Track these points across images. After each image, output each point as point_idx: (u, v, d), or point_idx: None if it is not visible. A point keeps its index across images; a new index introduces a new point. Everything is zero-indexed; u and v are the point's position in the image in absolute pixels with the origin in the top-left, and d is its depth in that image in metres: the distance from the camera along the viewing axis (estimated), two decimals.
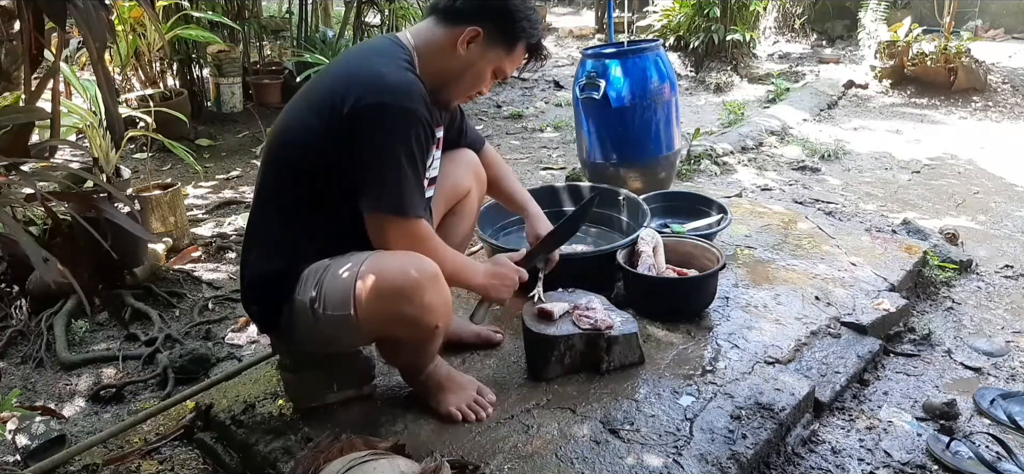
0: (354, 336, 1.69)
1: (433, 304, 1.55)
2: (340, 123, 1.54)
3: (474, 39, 1.66)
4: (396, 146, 1.55)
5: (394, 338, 1.70)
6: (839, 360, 2.11)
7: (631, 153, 3.23)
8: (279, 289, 1.64)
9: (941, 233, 3.12)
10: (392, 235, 1.59)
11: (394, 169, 1.55)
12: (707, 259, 2.32)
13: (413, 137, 1.56)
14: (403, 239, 1.59)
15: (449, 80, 1.70)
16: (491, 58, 1.70)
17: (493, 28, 1.67)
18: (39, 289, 2.65)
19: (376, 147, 1.55)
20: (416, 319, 1.56)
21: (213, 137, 5.04)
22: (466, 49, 1.66)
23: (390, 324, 1.59)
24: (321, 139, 1.57)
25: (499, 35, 1.68)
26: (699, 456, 1.65)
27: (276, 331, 1.73)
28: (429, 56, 1.67)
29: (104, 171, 2.90)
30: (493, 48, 1.69)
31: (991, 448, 1.83)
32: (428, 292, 1.54)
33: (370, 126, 1.54)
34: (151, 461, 1.89)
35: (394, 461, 1.44)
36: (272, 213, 1.68)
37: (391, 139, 1.54)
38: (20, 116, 1.61)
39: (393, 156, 1.55)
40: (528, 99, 6.33)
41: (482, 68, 1.71)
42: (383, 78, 1.56)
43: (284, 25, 6.33)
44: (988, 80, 5.74)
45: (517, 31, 1.69)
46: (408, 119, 1.55)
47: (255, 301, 1.74)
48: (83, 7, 1.53)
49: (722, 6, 6.60)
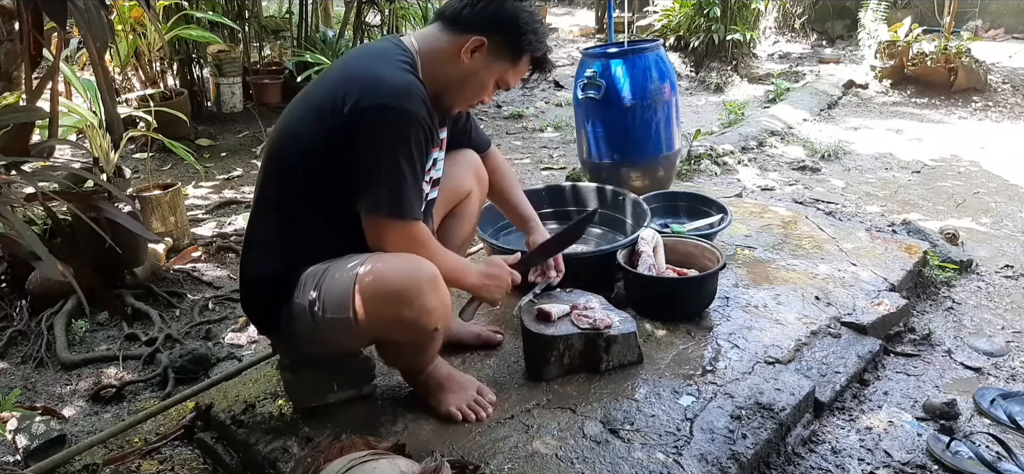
0: (353, 339, 1.69)
1: (432, 307, 1.55)
2: (340, 124, 1.54)
3: (479, 48, 1.64)
4: (395, 148, 1.54)
5: (393, 341, 1.70)
6: (839, 360, 2.11)
7: (631, 153, 3.23)
8: (278, 291, 1.64)
9: (941, 233, 3.12)
10: (389, 237, 1.58)
11: (392, 171, 1.54)
12: (707, 259, 2.32)
13: (412, 139, 1.56)
14: (400, 241, 1.58)
15: (451, 87, 1.69)
16: (495, 69, 1.69)
17: (499, 39, 1.65)
18: (39, 289, 2.65)
19: (375, 149, 1.54)
20: (415, 322, 1.56)
21: (213, 137, 5.04)
22: (470, 58, 1.65)
23: (389, 327, 1.59)
24: (321, 141, 1.57)
25: (504, 47, 1.67)
26: (699, 456, 1.65)
27: (275, 333, 1.74)
28: (432, 62, 1.66)
29: (104, 171, 2.89)
30: (497, 59, 1.68)
31: (991, 448, 1.83)
32: (427, 295, 1.53)
33: (369, 127, 1.53)
34: (151, 461, 1.89)
35: (394, 461, 1.44)
36: (272, 215, 1.68)
37: (390, 141, 1.54)
38: (20, 116, 1.61)
39: (392, 158, 1.54)
40: (528, 99, 6.34)
41: (485, 78, 1.69)
42: (383, 80, 1.55)
43: (284, 25, 6.32)
44: (988, 80, 5.74)
45: (523, 44, 1.68)
46: (407, 121, 1.54)
47: (255, 303, 1.74)
48: (83, 7, 1.53)
49: (722, 6, 6.60)
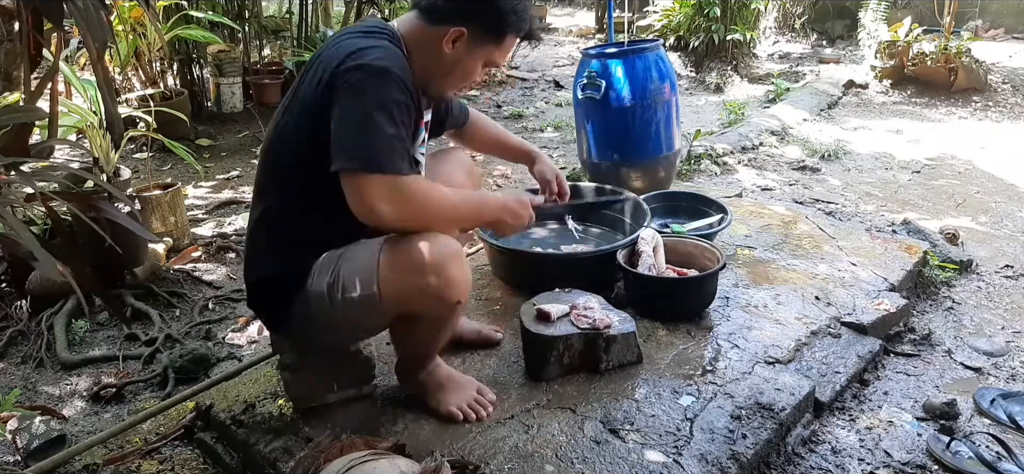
0: (374, 317, 1.66)
1: (457, 278, 1.54)
2: (323, 98, 1.50)
3: (459, 38, 1.61)
4: (370, 105, 1.45)
5: (413, 315, 1.66)
6: (839, 360, 2.11)
7: (631, 153, 3.23)
8: (288, 285, 1.63)
9: (941, 233, 3.12)
10: (373, 194, 1.43)
11: (366, 127, 1.44)
12: (707, 259, 2.32)
13: (391, 98, 1.47)
14: (386, 196, 1.44)
15: (437, 75, 1.67)
16: (479, 54, 1.66)
17: (479, 27, 1.62)
18: (39, 289, 2.65)
19: (349, 108, 1.46)
20: (440, 292, 1.53)
21: (213, 137, 5.04)
22: (452, 48, 1.62)
23: (413, 299, 1.56)
24: (309, 125, 1.54)
25: (486, 32, 1.64)
26: (699, 456, 1.65)
27: (285, 327, 1.72)
28: (416, 51, 1.63)
29: (104, 171, 2.89)
30: (481, 45, 1.64)
31: (991, 448, 1.83)
32: (452, 266, 1.53)
33: (344, 89, 1.47)
34: (151, 461, 1.89)
35: (394, 461, 1.44)
36: (272, 213, 1.67)
37: (365, 99, 1.47)
38: (20, 116, 1.61)
39: (367, 114, 1.45)
40: (528, 99, 6.33)
41: (470, 65, 1.67)
42: (360, 48, 1.51)
43: (284, 25, 6.32)
44: (988, 80, 5.73)
45: (505, 27, 1.64)
46: (384, 78, 1.48)
47: (262, 300, 1.72)
48: (83, 7, 1.53)
49: (722, 6, 6.60)
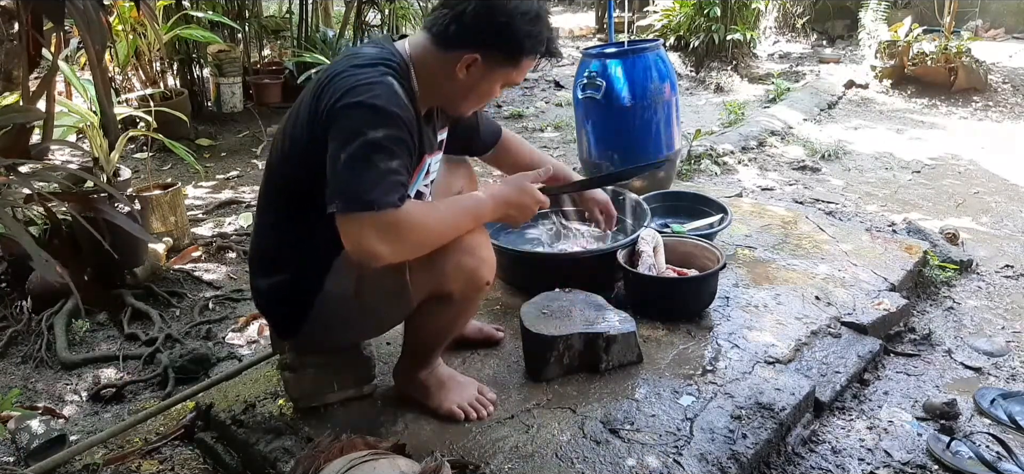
0: (400, 305, 1.66)
1: (488, 259, 1.62)
2: (320, 129, 1.49)
3: (473, 64, 1.56)
4: (364, 144, 1.42)
5: (437, 300, 1.64)
6: (839, 360, 2.11)
7: (631, 153, 3.22)
8: (304, 288, 1.64)
9: (941, 233, 3.12)
10: (366, 236, 1.41)
11: (359, 166, 1.42)
12: (707, 259, 2.32)
13: (386, 135, 1.44)
14: (381, 237, 1.41)
15: (454, 98, 1.65)
16: (496, 77, 1.62)
17: (494, 52, 1.56)
18: (39, 289, 2.65)
19: (341, 146, 1.43)
20: (473, 271, 1.59)
21: (213, 137, 5.04)
22: (466, 73, 1.57)
23: (446, 278, 1.59)
24: (307, 149, 1.53)
25: (502, 56, 1.58)
26: (699, 456, 1.65)
27: (301, 331, 1.70)
28: (428, 75, 1.60)
29: (104, 171, 2.89)
30: (497, 68, 1.59)
31: (991, 448, 1.83)
32: (483, 246, 1.61)
33: (339, 127, 1.45)
34: (151, 461, 1.89)
35: (394, 461, 1.44)
36: (280, 219, 1.67)
37: (359, 137, 1.43)
38: (18, 117, 1.61)
39: (358, 154, 1.42)
40: (528, 99, 6.33)
41: (487, 88, 1.63)
42: (359, 84, 1.48)
43: (284, 25, 6.32)
44: (988, 80, 5.73)
45: (521, 51, 1.58)
46: (381, 117, 1.45)
47: (280, 307, 1.71)
48: (82, 8, 1.53)
49: (722, 6, 6.59)
